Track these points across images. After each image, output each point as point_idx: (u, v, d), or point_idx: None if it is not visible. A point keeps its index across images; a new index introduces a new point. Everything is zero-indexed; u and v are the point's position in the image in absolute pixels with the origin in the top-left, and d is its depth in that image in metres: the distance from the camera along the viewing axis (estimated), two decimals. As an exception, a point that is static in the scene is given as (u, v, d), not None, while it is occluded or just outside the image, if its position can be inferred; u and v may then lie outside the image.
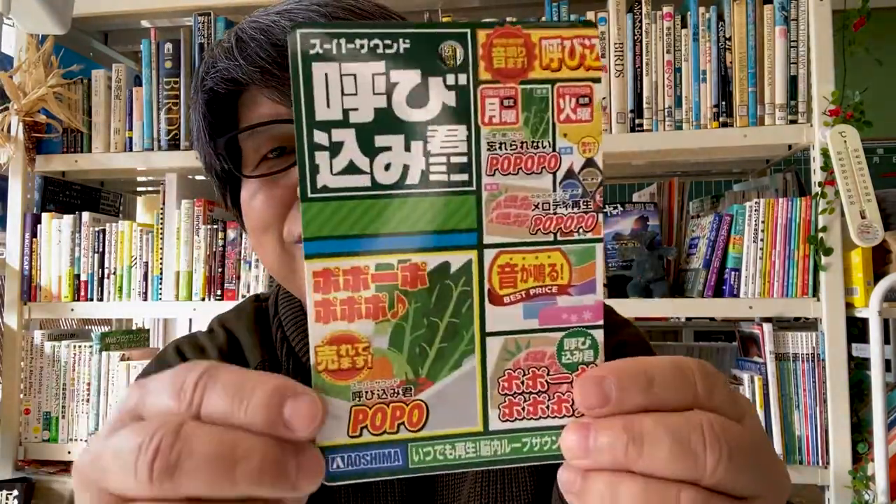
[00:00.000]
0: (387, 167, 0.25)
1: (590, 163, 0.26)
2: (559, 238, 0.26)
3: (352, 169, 0.25)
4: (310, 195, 0.25)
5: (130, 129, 1.67)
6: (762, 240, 1.41)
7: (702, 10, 1.46)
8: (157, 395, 0.25)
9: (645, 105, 1.47)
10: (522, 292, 0.26)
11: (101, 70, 1.70)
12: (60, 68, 1.65)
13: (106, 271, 1.65)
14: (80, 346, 1.65)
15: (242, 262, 1.59)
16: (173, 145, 1.63)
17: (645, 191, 1.72)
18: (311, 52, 0.24)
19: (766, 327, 1.40)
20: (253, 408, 0.24)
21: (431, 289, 0.26)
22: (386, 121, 0.25)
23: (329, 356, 0.25)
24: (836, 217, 1.37)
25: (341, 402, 0.26)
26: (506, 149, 0.25)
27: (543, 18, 1.50)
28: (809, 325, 1.45)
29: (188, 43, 1.63)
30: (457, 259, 0.26)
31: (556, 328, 0.26)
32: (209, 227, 1.60)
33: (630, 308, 1.47)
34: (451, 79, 0.25)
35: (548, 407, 0.27)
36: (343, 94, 0.24)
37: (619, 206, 1.59)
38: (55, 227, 1.67)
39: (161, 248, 1.63)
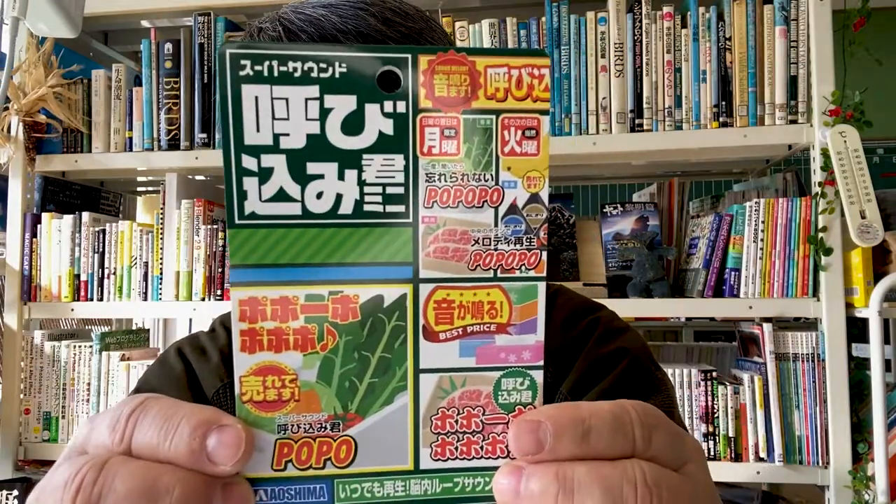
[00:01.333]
0: (319, 196, 0.24)
1: (535, 198, 0.25)
2: (499, 275, 0.25)
3: (282, 196, 0.24)
4: (237, 221, 0.24)
5: (130, 129, 1.67)
6: (762, 240, 1.41)
7: (702, 10, 1.46)
8: (98, 430, 0.25)
9: (645, 105, 1.47)
10: (459, 329, 0.25)
11: (101, 70, 1.70)
12: (60, 68, 1.66)
13: (106, 271, 1.65)
14: (80, 346, 1.65)
15: (242, 262, 1.59)
16: (173, 145, 1.63)
17: (645, 191, 1.72)
18: (242, 73, 0.23)
19: (766, 327, 1.40)
20: (177, 441, 0.24)
21: (363, 322, 0.25)
22: (319, 147, 0.24)
23: (255, 387, 0.25)
24: (836, 217, 1.37)
25: (266, 435, 0.25)
26: (445, 181, 0.24)
27: (543, 19, 1.50)
28: (809, 325, 1.45)
29: (188, 43, 1.63)
30: (391, 293, 0.25)
31: (493, 367, 0.25)
32: (209, 227, 1.60)
33: (630, 308, 1.47)
34: (388, 106, 0.24)
35: (482, 447, 0.26)
36: (274, 118, 0.23)
37: (619, 206, 1.59)
38: (55, 227, 1.67)
39: (161, 248, 1.63)
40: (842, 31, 1.42)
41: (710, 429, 1.41)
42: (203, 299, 1.59)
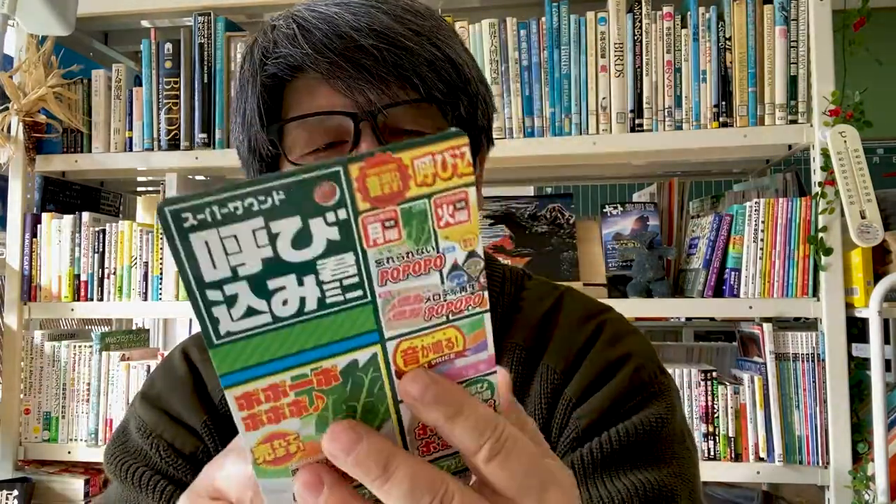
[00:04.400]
0: (284, 303, 0.26)
1: (472, 254, 0.28)
2: (451, 318, 0.28)
3: (251, 312, 0.26)
4: (216, 343, 0.26)
5: (130, 129, 1.67)
6: (762, 240, 1.41)
7: (702, 10, 1.46)
8: None
9: (645, 105, 1.47)
10: (425, 365, 0.29)
11: (101, 70, 1.70)
12: (60, 68, 1.65)
13: (106, 271, 1.65)
14: (80, 346, 1.65)
15: (242, 262, 1.59)
16: (173, 145, 1.63)
17: (645, 191, 1.72)
18: (186, 225, 0.24)
19: (766, 327, 1.40)
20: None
21: (345, 382, 0.28)
22: (275, 267, 0.26)
23: (265, 452, 0.28)
24: (836, 217, 1.37)
25: (284, 480, 0.29)
26: (393, 262, 0.27)
27: (543, 19, 1.50)
28: (809, 325, 1.45)
29: (188, 43, 1.63)
30: (363, 355, 0.28)
31: (458, 382, 0.29)
32: (209, 227, 1.60)
33: (630, 308, 1.47)
34: (331, 216, 0.25)
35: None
36: (227, 254, 0.25)
37: (619, 206, 1.59)
38: (55, 227, 1.67)
39: (161, 248, 1.63)
40: (842, 31, 1.42)
41: (710, 429, 1.41)
42: (203, 299, 1.59)
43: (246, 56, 0.57)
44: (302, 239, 0.25)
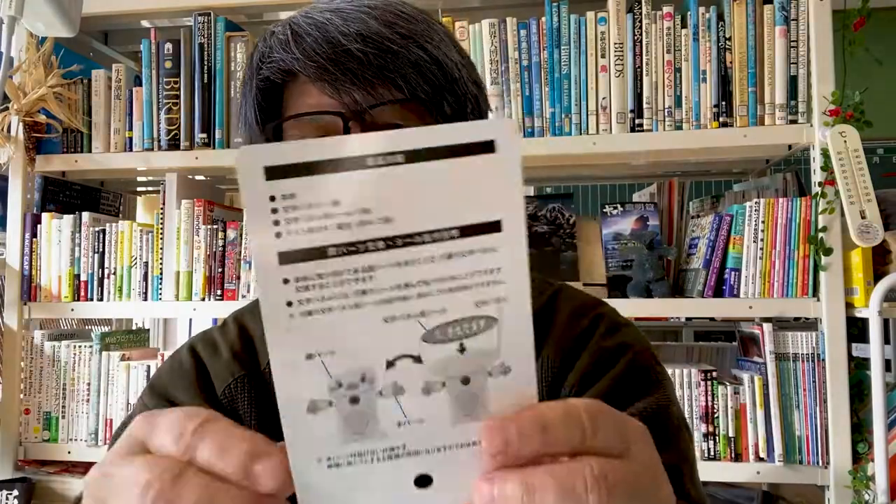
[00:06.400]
0: None
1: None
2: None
3: None
4: None
5: (130, 129, 1.67)
6: (762, 240, 1.41)
7: (702, 10, 1.46)
8: (162, 436, 0.30)
9: (645, 105, 1.47)
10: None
11: (101, 70, 1.70)
12: (60, 68, 1.65)
13: (106, 271, 1.65)
14: (80, 346, 1.65)
15: (242, 262, 1.59)
16: (173, 145, 1.63)
17: (645, 191, 1.72)
18: None
19: (766, 327, 1.40)
20: (231, 464, 0.29)
21: None
22: None
23: None
24: (836, 217, 1.37)
25: None
26: None
27: (543, 19, 1.50)
28: (809, 325, 1.45)
29: (188, 43, 1.63)
30: None
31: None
32: (209, 227, 1.60)
33: (630, 308, 1.47)
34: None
35: None
36: None
37: (619, 206, 1.59)
38: (55, 227, 1.67)
39: (161, 248, 1.62)
40: (842, 31, 1.42)
41: (710, 429, 1.41)
42: (203, 299, 1.59)
43: (247, 62, 0.61)
44: None
